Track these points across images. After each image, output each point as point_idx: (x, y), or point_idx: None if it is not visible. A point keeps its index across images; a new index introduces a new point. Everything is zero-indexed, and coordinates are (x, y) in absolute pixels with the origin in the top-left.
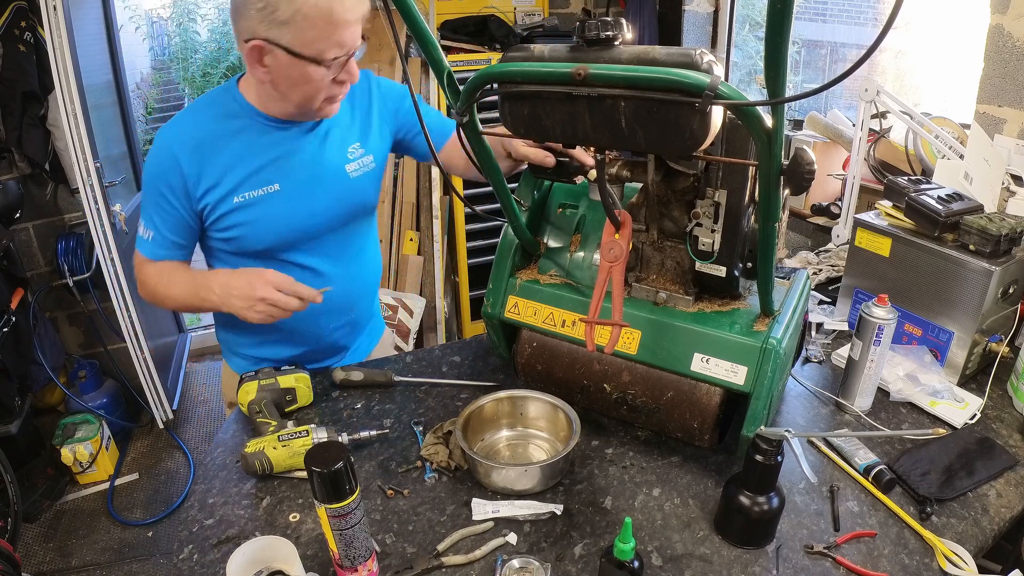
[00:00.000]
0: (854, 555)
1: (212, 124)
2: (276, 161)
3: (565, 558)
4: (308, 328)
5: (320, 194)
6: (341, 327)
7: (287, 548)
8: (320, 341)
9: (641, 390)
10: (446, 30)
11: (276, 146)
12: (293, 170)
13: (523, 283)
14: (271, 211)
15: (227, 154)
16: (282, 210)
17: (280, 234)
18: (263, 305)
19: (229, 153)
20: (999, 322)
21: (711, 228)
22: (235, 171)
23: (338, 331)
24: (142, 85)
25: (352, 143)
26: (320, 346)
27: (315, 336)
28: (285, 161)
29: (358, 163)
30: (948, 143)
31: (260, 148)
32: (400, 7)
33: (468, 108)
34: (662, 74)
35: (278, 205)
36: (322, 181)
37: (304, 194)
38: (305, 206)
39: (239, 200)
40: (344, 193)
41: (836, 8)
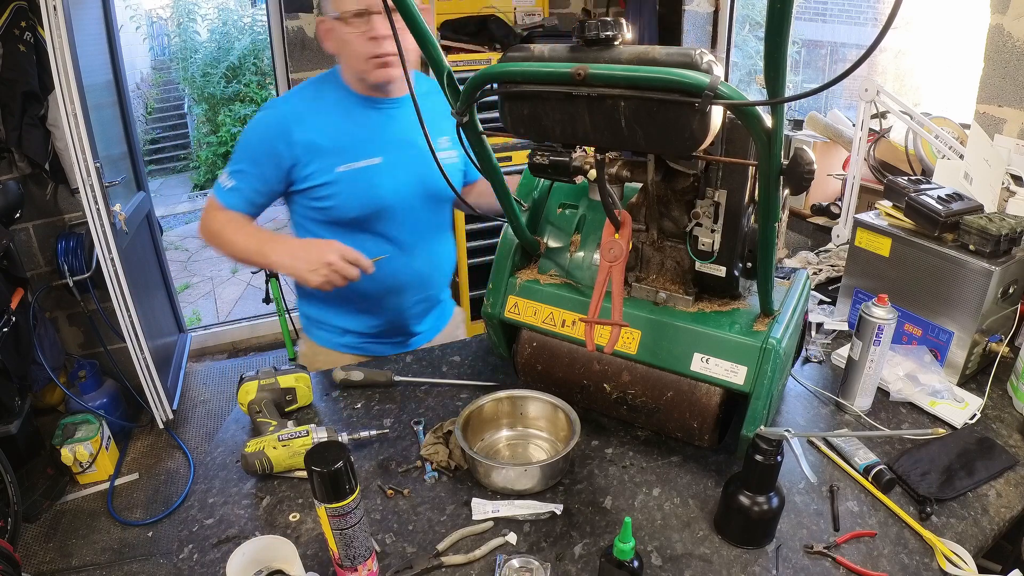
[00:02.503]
0: (854, 555)
1: (321, 101)
2: (378, 136)
3: (565, 558)
4: (391, 300)
5: (417, 171)
6: (419, 302)
7: (287, 548)
8: (401, 315)
9: (641, 390)
10: (446, 30)
11: (377, 123)
12: (394, 146)
13: (523, 283)
14: (371, 181)
15: (333, 127)
16: (381, 181)
17: (375, 203)
18: (327, 270)
19: (335, 126)
20: (999, 322)
21: (711, 228)
22: (339, 143)
23: (416, 306)
24: (142, 85)
25: (441, 136)
26: (399, 320)
27: (396, 309)
28: (387, 137)
29: (446, 154)
30: (948, 143)
31: (361, 122)
32: (400, 7)
33: (468, 108)
34: (662, 74)
35: (378, 176)
36: (419, 160)
37: (403, 169)
38: (401, 180)
39: (342, 169)
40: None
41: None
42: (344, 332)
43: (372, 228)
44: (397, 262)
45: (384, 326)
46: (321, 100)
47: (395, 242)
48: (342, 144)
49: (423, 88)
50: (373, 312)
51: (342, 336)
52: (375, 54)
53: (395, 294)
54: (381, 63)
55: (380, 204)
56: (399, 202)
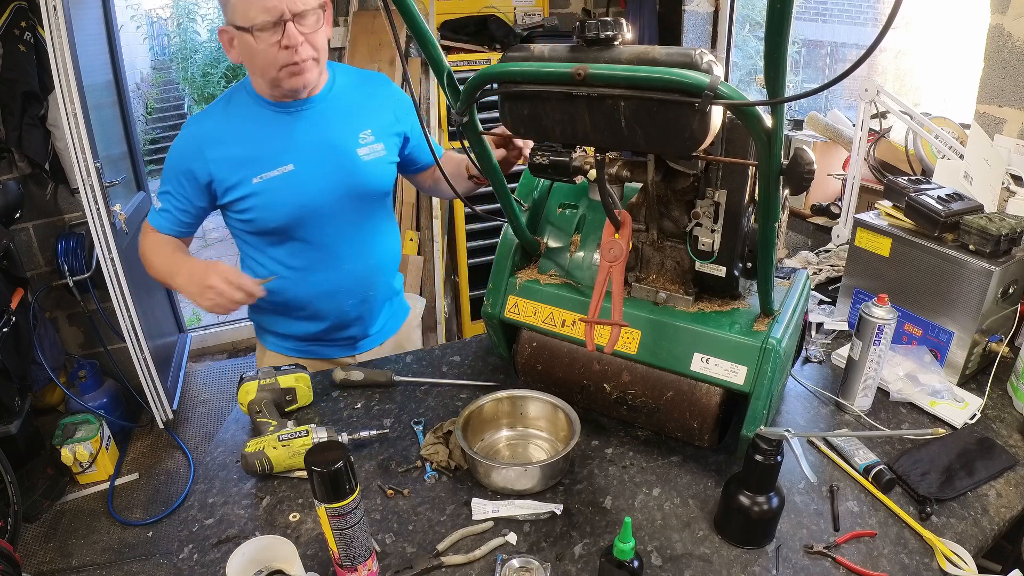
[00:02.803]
0: (854, 555)
1: (231, 115)
2: (289, 143)
3: (565, 558)
4: (327, 304)
5: (332, 174)
6: (359, 304)
7: (287, 548)
8: (341, 317)
9: (641, 390)
10: (446, 30)
11: (288, 130)
12: (306, 151)
13: (523, 283)
14: (286, 190)
15: (245, 140)
16: (296, 188)
17: (294, 212)
18: (211, 293)
19: (246, 139)
20: (999, 322)
21: (711, 228)
22: (253, 154)
23: (356, 308)
24: (142, 85)
25: (363, 130)
26: (340, 323)
27: (335, 312)
28: (298, 143)
29: (369, 148)
30: (948, 143)
31: (273, 132)
32: (400, 7)
33: (468, 108)
34: (662, 74)
35: (292, 184)
36: (334, 162)
37: (317, 173)
38: (317, 185)
39: (258, 180)
40: (355, 175)
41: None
42: (287, 337)
43: (298, 235)
44: (328, 267)
45: (326, 330)
46: (232, 113)
47: (323, 246)
48: (255, 155)
49: (350, 80)
50: (312, 317)
51: (286, 341)
52: (290, 62)
53: (330, 298)
54: (296, 70)
55: (300, 211)
56: (320, 206)
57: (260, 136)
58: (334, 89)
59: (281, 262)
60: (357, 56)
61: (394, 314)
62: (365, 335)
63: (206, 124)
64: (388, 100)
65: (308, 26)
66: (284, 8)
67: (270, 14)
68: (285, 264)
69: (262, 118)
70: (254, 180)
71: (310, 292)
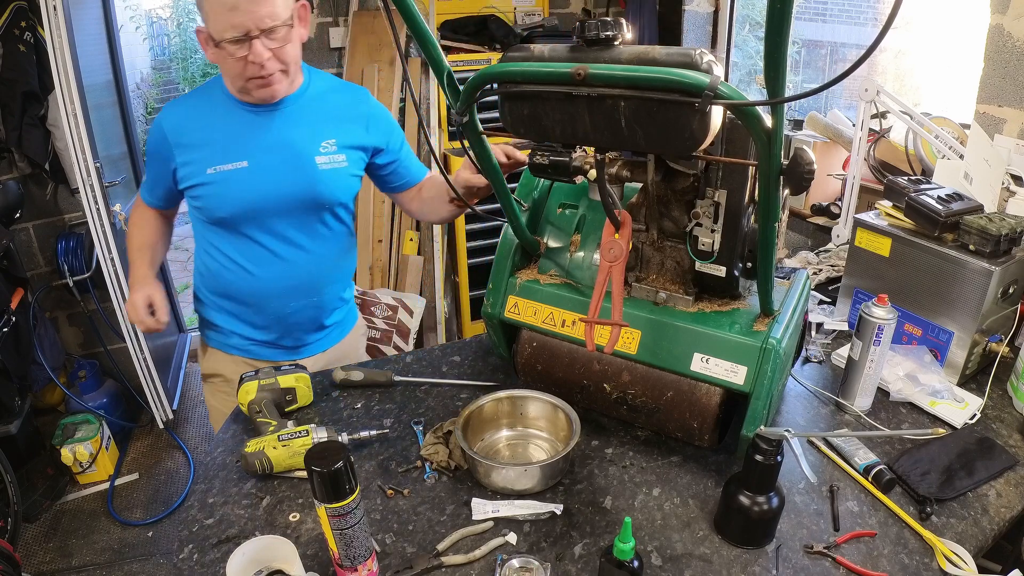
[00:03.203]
0: (854, 555)
1: (202, 105)
2: (248, 140)
3: (565, 558)
4: (272, 305)
5: (284, 176)
6: (304, 308)
7: (287, 548)
8: (284, 320)
9: (641, 390)
10: (446, 30)
11: (247, 126)
12: (262, 150)
13: (523, 283)
14: (236, 185)
15: (207, 131)
16: (246, 185)
17: (241, 206)
18: (129, 307)
19: (209, 130)
20: (999, 322)
21: (711, 228)
22: (210, 145)
23: (301, 312)
24: (142, 85)
25: (327, 139)
26: (283, 325)
27: (278, 314)
28: (256, 141)
29: (329, 158)
30: (948, 143)
31: (232, 126)
32: (400, 7)
33: (468, 108)
34: (662, 74)
35: (243, 180)
36: (288, 164)
37: (268, 173)
38: (267, 185)
39: (212, 172)
40: (308, 180)
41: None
42: (229, 334)
43: (244, 230)
44: (273, 267)
45: (268, 330)
46: (203, 103)
47: (270, 247)
48: (213, 147)
49: (325, 87)
50: (255, 316)
51: (229, 337)
52: (256, 76)
53: (273, 298)
54: (263, 83)
55: (247, 207)
56: (269, 207)
57: (222, 129)
58: (306, 94)
59: (228, 255)
60: (357, 56)
61: (340, 324)
62: (306, 342)
63: (177, 110)
64: (361, 114)
65: (277, 40)
66: (251, 26)
67: (237, 30)
68: (232, 258)
69: (228, 113)
70: (208, 171)
71: (254, 289)
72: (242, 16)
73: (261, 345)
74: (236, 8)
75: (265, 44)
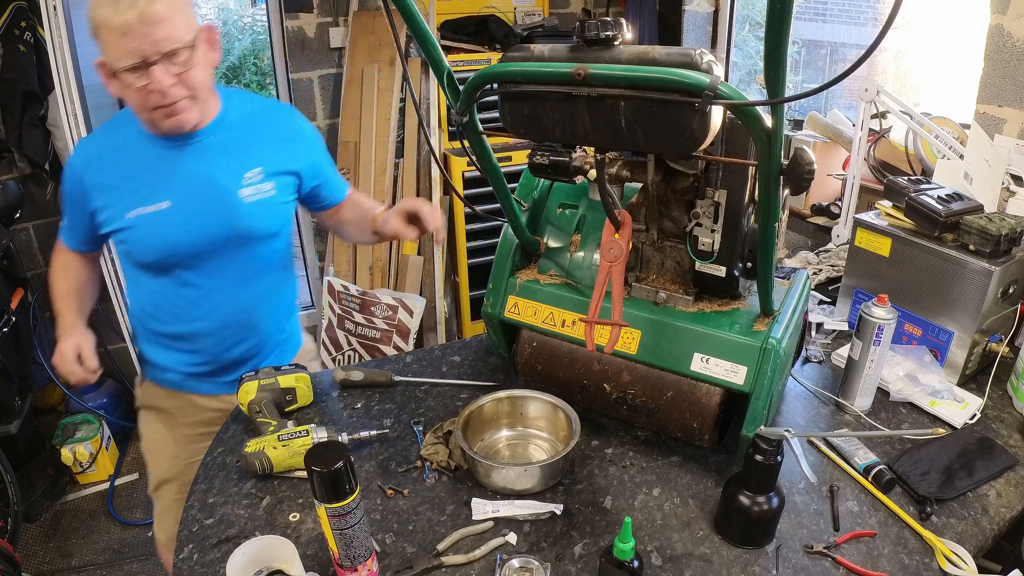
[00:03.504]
0: (854, 555)
1: (115, 142)
2: (167, 179)
3: (565, 558)
4: (207, 344)
5: (209, 215)
6: (242, 345)
7: (287, 548)
8: (221, 357)
9: (641, 390)
10: (446, 30)
11: (164, 162)
12: (184, 189)
13: (523, 283)
14: (159, 228)
15: (123, 171)
16: (169, 227)
17: (166, 250)
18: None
19: (124, 168)
20: (999, 322)
21: (711, 228)
22: (128, 186)
23: (236, 348)
24: None
25: (251, 168)
26: (221, 362)
27: (215, 352)
28: (176, 179)
29: (254, 189)
30: (948, 143)
31: (152, 166)
32: (400, 7)
33: (468, 108)
34: (662, 74)
35: (166, 222)
36: (212, 202)
37: (192, 213)
38: (192, 225)
39: (132, 216)
40: (234, 217)
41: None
42: (165, 369)
43: (173, 273)
44: (206, 307)
45: (205, 367)
46: (116, 139)
47: (202, 287)
48: (131, 188)
49: (246, 111)
50: (191, 352)
51: (164, 372)
52: (159, 105)
53: (209, 337)
54: (169, 112)
55: (175, 251)
56: (197, 247)
57: (139, 168)
58: (224, 121)
59: (160, 295)
60: (357, 56)
61: (281, 357)
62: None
63: (91, 148)
64: (286, 135)
65: (179, 65)
66: (148, 50)
67: (133, 57)
68: (164, 297)
69: (144, 149)
70: (128, 214)
71: (188, 329)
72: (137, 40)
73: (198, 379)
74: (130, 32)
75: (167, 70)
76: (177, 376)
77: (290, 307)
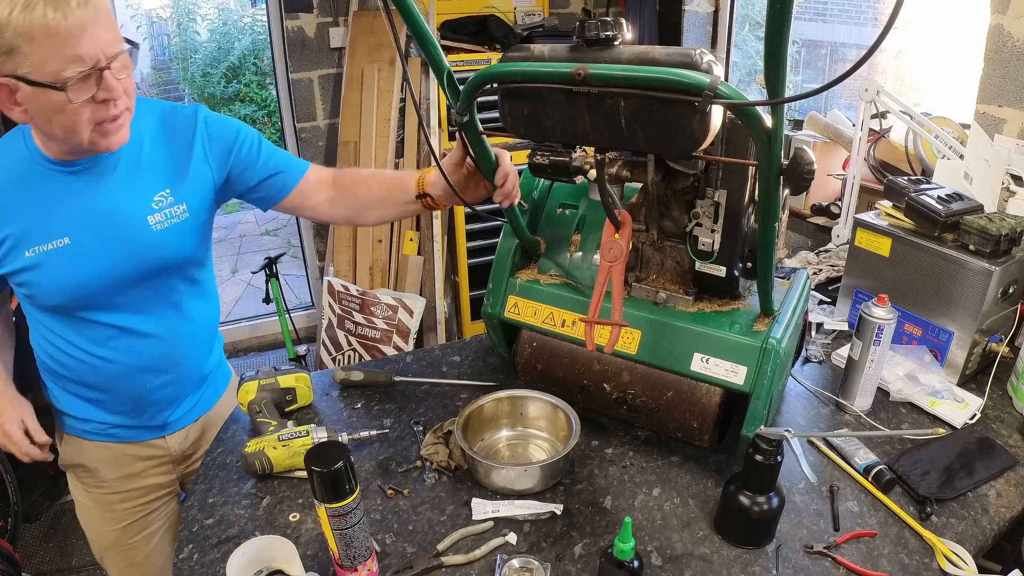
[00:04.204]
0: (854, 555)
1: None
2: (66, 211)
3: (565, 558)
4: (126, 387)
5: (114, 249)
6: (164, 385)
7: (287, 548)
8: (142, 400)
9: (641, 390)
10: (446, 30)
11: (66, 194)
12: (84, 221)
13: (523, 283)
14: (61, 267)
15: (15, 204)
16: (72, 266)
17: (71, 292)
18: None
19: (18, 203)
20: (999, 322)
21: (711, 228)
22: (23, 223)
23: (162, 390)
24: (142, 85)
25: (160, 190)
26: (143, 405)
27: (135, 395)
28: (75, 211)
29: (164, 214)
30: (948, 143)
31: (49, 197)
32: (400, 7)
33: (468, 108)
34: (662, 74)
35: (68, 261)
36: (117, 234)
37: (96, 249)
38: (96, 262)
39: (30, 255)
40: (143, 248)
41: (836, 8)
42: (85, 420)
43: (83, 315)
44: (121, 348)
45: (127, 414)
46: (4, 173)
47: (114, 327)
48: (27, 224)
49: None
50: (110, 401)
51: (85, 424)
52: (106, 118)
53: (127, 380)
54: (113, 127)
55: (79, 290)
56: (103, 286)
57: (32, 200)
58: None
59: (69, 340)
60: (357, 56)
61: (206, 393)
62: (172, 419)
63: None
64: (194, 142)
65: (123, 71)
66: (99, 54)
67: (84, 63)
68: (74, 343)
69: (36, 179)
70: (26, 253)
71: (104, 375)
72: (89, 44)
73: (122, 428)
74: (84, 33)
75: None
76: (98, 427)
77: (212, 337)
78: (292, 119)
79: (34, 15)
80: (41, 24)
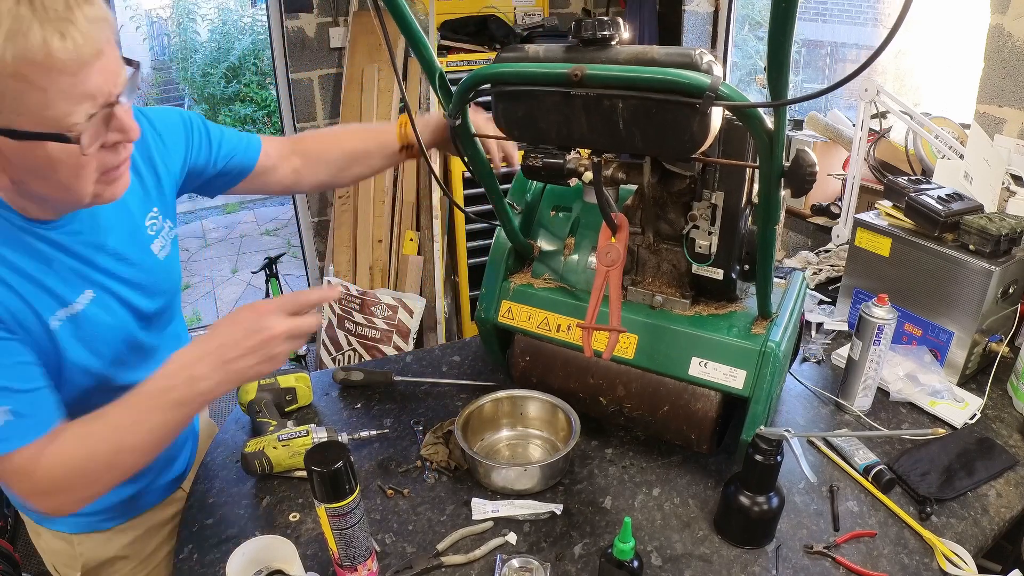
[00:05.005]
0: (854, 555)
1: None
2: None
3: (565, 558)
4: None
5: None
6: None
7: (287, 548)
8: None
9: (637, 403)
10: (446, 30)
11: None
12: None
13: (517, 287)
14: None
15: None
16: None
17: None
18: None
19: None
20: (999, 322)
21: (708, 230)
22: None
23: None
24: (142, 85)
25: (148, 212)
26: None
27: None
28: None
29: (162, 238)
30: (948, 143)
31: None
32: (391, 7)
33: (460, 111)
34: (662, 75)
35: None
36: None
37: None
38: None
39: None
40: (159, 280)
41: (836, 8)
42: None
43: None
44: None
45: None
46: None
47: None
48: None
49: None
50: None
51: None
52: (114, 165)
53: None
54: (117, 175)
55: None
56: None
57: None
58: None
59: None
60: (357, 56)
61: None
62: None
63: None
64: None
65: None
66: (108, 89)
67: (95, 100)
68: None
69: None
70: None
71: None
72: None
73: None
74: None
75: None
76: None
77: None
78: (292, 119)
79: (30, 44)
80: (42, 56)
